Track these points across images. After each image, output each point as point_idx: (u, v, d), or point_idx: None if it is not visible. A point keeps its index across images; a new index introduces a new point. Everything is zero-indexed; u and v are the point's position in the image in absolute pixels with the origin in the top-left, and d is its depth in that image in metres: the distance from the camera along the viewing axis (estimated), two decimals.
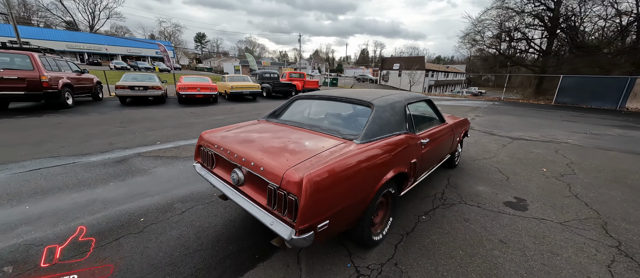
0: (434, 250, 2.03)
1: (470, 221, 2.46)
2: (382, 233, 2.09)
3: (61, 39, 40.97)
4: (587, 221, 2.50)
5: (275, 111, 2.76)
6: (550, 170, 3.98)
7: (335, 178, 1.45)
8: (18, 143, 4.41)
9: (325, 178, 1.39)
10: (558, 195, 3.07)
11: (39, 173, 3.27)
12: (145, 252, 1.92)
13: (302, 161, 1.48)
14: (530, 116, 10.56)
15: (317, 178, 1.35)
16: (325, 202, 1.38)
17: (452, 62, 75.65)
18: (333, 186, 1.43)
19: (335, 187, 1.44)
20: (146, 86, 9.54)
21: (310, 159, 1.51)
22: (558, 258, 1.96)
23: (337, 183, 1.46)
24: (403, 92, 2.71)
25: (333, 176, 1.44)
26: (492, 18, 20.83)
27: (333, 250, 1.99)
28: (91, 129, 5.65)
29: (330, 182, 1.42)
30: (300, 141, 1.88)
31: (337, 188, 1.46)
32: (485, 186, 3.30)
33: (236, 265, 1.81)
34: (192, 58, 71.31)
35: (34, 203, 2.56)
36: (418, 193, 3.00)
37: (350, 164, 1.55)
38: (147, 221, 2.32)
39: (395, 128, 2.10)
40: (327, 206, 1.40)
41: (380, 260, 1.90)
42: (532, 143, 5.76)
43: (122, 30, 61.39)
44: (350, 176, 1.54)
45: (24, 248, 1.91)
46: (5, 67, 6.65)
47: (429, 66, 41.96)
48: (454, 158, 3.75)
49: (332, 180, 1.43)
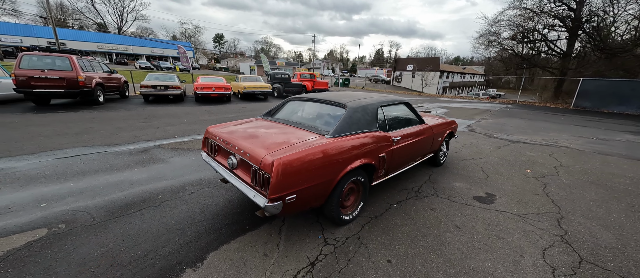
0: (395, 230, 2.41)
1: (435, 210, 2.80)
2: (352, 215, 2.48)
3: (92, 40, 44.20)
4: (545, 215, 2.76)
5: (270, 110, 3.22)
6: (534, 171, 4.17)
7: (302, 162, 1.87)
8: (61, 133, 5.19)
9: (293, 162, 1.82)
10: (529, 193, 3.31)
11: (79, 158, 3.94)
12: (162, 220, 2.44)
13: (278, 149, 1.93)
14: (542, 119, 10.40)
15: (286, 161, 1.78)
16: (292, 180, 1.81)
17: (471, 63, 73.40)
18: (300, 168, 1.86)
19: (302, 170, 1.87)
20: (167, 86, 10.39)
21: (285, 148, 1.95)
22: (501, 241, 2.27)
23: (304, 166, 1.88)
24: (380, 96, 3.08)
25: (300, 161, 1.86)
26: (509, 18, 20.30)
27: (309, 226, 2.42)
28: (120, 123, 6.42)
29: (298, 165, 1.84)
30: (283, 134, 2.32)
31: (304, 171, 1.88)
32: (463, 182, 3.59)
33: (230, 232, 2.29)
34: (210, 58, 74.08)
35: (76, 181, 3.18)
36: (397, 186, 3.36)
37: (316, 153, 1.97)
38: (163, 198, 2.86)
39: (365, 127, 2.49)
40: (294, 183, 1.83)
41: (347, 234, 2.31)
42: (529, 146, 5.86)
43: (147, 31, 65.13)
44: (316, 163, 1.96)
45: (72, 212, 2.49)
46: (48, 68, 7.63)
47: (444, 67, 41.16)
48: (437, 157, 4.04)
49: (300, 164, 1.86)
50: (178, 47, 15.83)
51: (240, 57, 73.07)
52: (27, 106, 7.99)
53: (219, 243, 2.14)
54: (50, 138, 4.85)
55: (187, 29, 69.73)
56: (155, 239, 2.15)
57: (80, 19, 54.48)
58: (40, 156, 3.93)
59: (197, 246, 2.08)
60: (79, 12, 53.73)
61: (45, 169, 3.46)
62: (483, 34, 22.56)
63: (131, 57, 47.20)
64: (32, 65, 7.54)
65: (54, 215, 2.43)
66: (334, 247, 2.14)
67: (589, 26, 18.03)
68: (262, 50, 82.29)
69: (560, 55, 20.55)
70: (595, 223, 2.63)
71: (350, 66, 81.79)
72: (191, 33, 69.10)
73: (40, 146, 4.37)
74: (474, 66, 60.03)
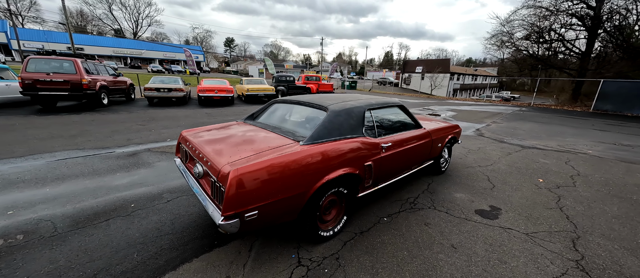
0: (381, 249, 2.13)
1: (430, 225, 2.49)
2: (333, 230, 2.23)
3: (109, 45, 45.90)
4: (558, 234, 2.40)
5: (253, 114, 3.02)
6: (547, 181, 3.77)
7: (266, 174, 1.64)
8: (56, 136, 5.18)
9: (254, 174, 1.59)
10: (540, 207, 2.95)
11: (65, 162, 3.86)
12: (127, 232, 2.26)
13: (241, 158, 1.70)
14: (558, 123, 9.78)
15: (244, 172, 1.55)
16: (253, 194, 1.58)
17: (483, 64, 71.41)
18: (263, 180, 1.62)
19: (266, 182, 1.63)
20: (170, 88, 10.44)
21: (250, 157, 1.72)
22: (504, 266, 1.95)
23: (269, 178, 1.65)
24: (370, 98, 2.81)
25: (264, 172, 1.63)
26: (523, 18, 19.46)
27: (286, 242, 2.17)
28: (117, 126, 6.40)
29: (260, 177, 1.61)
30: (255, 140, 2.10)
31: (268, 183, 1.64)
32: (465, 193, 3.26)
33: (196, 248, 2.07)
34: (221, 61, 75.45)
35: (54, 187, 3.07)
36: (390, 196, 3.07)
37: (286, 163, 1.73)
38: (136, 206, 2.69)
39: (349, 132, 2.24)
40: (256, 197, 1.59)
41: (325, 254, 2.05)
42: (543, 153, 5.41)
43: (161, 36, 67.16)
44: (285, 173, 1.72)
45: (36, 221, 2.35)
46: (54, 71, 7.77)
47: (455, 68, 40.13)
48: (438, 164, 3.72)
49: (263, 176, 1.62)
50: (185, 51, 16.05)
51: (249, 60, 74.07)
52: (34, 108, 8.15)
53: (180, 261, 1.93)
54: (43, 141, 4.83)
55: (199, 34, 71.38)
56: (112, 255, 1.96)
57: (99, 25, 56.79)
58: (27, 160, 3.88)
59: (155, 265, 1.88)
60: (98, 18, 56.03)
61: (27, 174, 3.38)
62: (495, 34, 21.73)
63: (144, 61, 48.64)
64: (39, 68, 7.68)
65: (17, 224, 2.30)
66: (307, 269, 1.88)
67: (610, 25, 17.02)
68: (271, 53, 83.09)
69: (578, 55, 19.50)
70: (619, 245, 2.26)
71: (359, 69, 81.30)
72: (202, 37, 70.65)
73: (30, 149, 4.34)
74: (486, 68, 58.29)
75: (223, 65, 71.23)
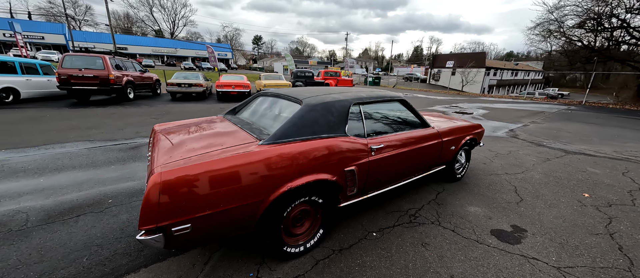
0: (358, 274, 1.74)
1: (428, 246, 2.04)
2: (304, 246, 1.89)
3: (149, 45, 49.67)
4: (605, 271, 1.81)
5: (235, 108, 2.77)
6: (596, 196, 3.03)
7: (205, 179, 1.35)
8: (75, 128, 5.47)
9: (186, 179, 1.31)
10: (582, 231, 2.31)
11: (69, 153, 3.98)
12: (91, 230, 2.14)
13: (177, 160, 1.43)
14: (615, 125, 8.29)
15: (171, 178, 1.28)
16: (181, 204, 1.30)
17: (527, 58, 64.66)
18: (200, 187, 1.34)
19: (203, 189, 1.34)
20: (190, 83, 10.77)
21: (190, 158, 1.45)
22: None
23: (208, 184, 1.36)
24: (360, 90, 2.39)
25: (201, 178, 1.34)
26: (576, 2, 16.89)
27: (248, 255, 1.89)
28: (133, 119, 6.64)
29: (195, 183, 1.33)
30: (214, 138, 1.82)
31: (206, 190, 1.35)
32: (481, 207, 2.70)
33: (150, 255, 1.87)
34: (249, 58, 77.85)
35: (48, 178, 3.12)
36: (388, 205, 2.63)
37: (231, 166, 1.43)
38: (113, 203, 2.59)
39: (326, 130, 1.86)
40: (186, 208, 1.31)
41: (290, 274, 1.72)
42: (593, 160, 4.49)
43: (195, 35, 71.10)
44: (230, 179, 1.42)
45: (13, 213, 2.34)
46: (85, 67, 8.34)
47: (491, 63, 36.80)
48: (452, 170, 3.17)
49: (199, 182, 1.33)
50: (207, 48, 16.54)
51: (275, 57, 75.42)
52: (69, 102, 8.86)
53: (126, 270, 1.73)
54: (62, 132, 5.11)
55: (229, 32, 74.25)
56: (64, 257, 1.83)
57: (142, 27, 61.78)
58: (40, 149, 4.07)
59: (99, 273, 1.70)
60: (141, 20, 60.97)
61: (32, 163, 3.51)
62: (540, 23, 19.23)
63: (179, 59, 51.85)
64: (73, 64, 8.30)
65: None
66: None
67: None
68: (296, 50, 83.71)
69: None
70: None
71: (386, 64, 78.55)
72: (232, 36, 73.36)
73: (47, 139, 4.58)
74: (529, 62, 52.65)
75: (250, 62, 73.42)
